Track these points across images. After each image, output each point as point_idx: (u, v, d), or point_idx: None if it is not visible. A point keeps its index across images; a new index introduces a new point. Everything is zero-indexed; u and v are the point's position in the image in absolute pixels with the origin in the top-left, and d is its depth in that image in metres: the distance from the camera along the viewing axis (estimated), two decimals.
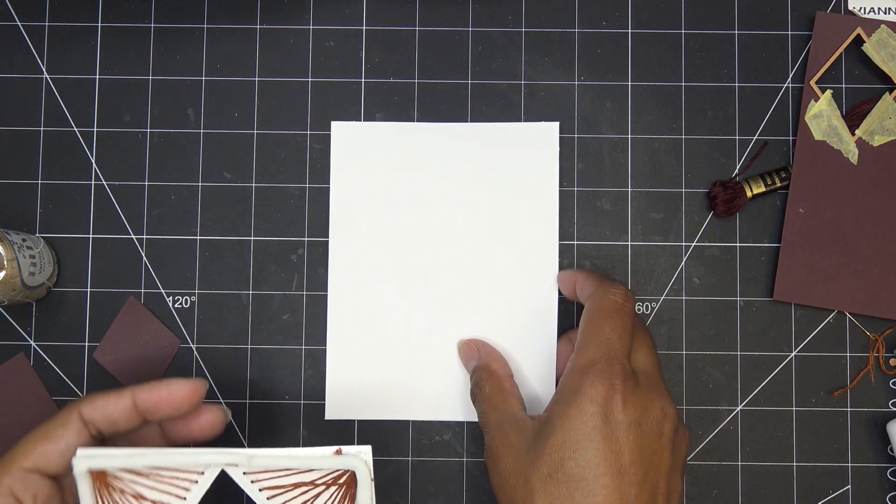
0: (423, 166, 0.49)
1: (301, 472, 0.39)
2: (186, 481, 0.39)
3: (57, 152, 0.50)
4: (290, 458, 0.38)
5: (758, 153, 0.50)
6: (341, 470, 0.39)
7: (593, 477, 0.37)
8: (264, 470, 0.39)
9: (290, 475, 0.39)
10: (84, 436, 0.37)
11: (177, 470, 0.39)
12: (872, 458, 0.48)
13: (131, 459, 0.37)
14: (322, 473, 0.39)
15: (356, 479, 0.38)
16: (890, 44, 0.48)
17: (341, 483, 0.39)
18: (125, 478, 0.38)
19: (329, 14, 0.50)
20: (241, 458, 0.38)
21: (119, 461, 0.37)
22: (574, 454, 0.37)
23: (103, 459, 0.37)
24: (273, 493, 0.39)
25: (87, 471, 0.37)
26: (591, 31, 0.50)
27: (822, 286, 0.48)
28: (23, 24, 0.50)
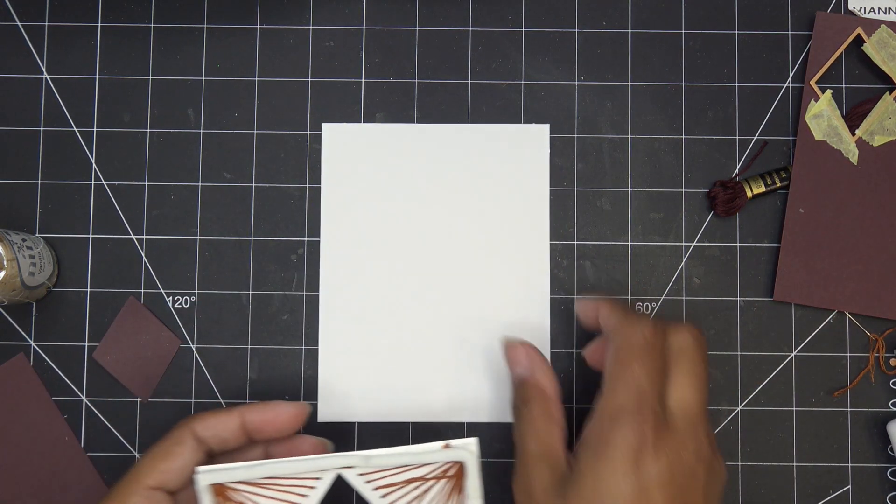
0: (415, 168, 0.49)
1: (413, 469, 0.41)
2: (304, 488, 0.40)
3: (57, 152, 0.50)
4: (404, 456, 0.40)
5: (758, 153, 0.50)
6: (450, 463, 0.41)
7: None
8: (379, 469, 0.40)
9: (403, 472, 0.41)
10: (198, 453, 0.39)
11: (294, 478, 0.40)
12: (872, 458, 0.48)
13: (251, 471, 0.39)
14: (432, 468, 0.41)
15: (465, 470, 0.40)
16: (890, 44, 0.48)
17: (450, 475, 0.41)
18: (244, 490, 0.40)
19: (329, 14, 0.50)
20: (358, 459, 0.40)
21: (239, 474, 0.39)
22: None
23: (224, 473, 0.39)
24: (386, 490, 0.41)
25: (208, 486, 0.39)
26: (591, 31, 0.50)
27: (822, 286, 0.48)
28: (23, 24, 0.50)
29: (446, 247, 0.49)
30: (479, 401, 0.48)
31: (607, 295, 0.49)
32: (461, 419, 0.48)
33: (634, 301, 0.49)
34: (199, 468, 0.39)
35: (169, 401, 0.49)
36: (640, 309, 0.49)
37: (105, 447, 0.48)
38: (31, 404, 0.48)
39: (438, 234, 0.49)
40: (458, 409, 0.48)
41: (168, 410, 0.49)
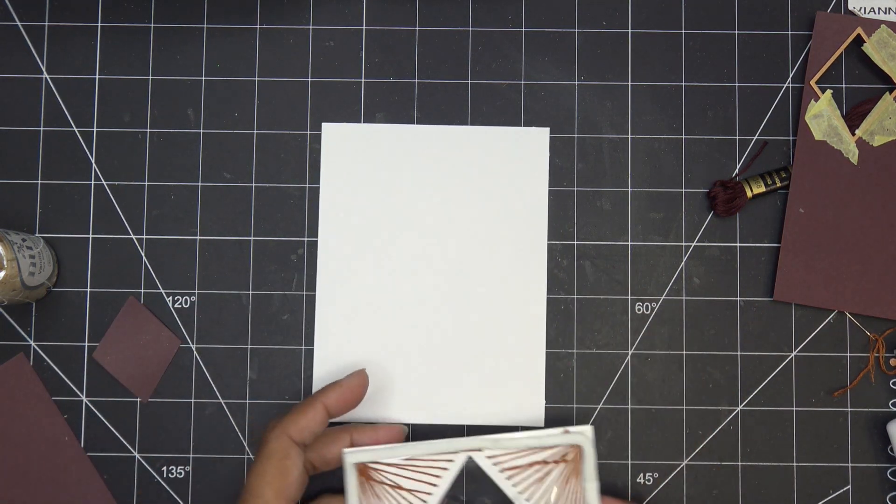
0: (414, 168, 0.49)
1: (535, 452, 0.44)
2: (438, 469, 0.44)
3: (57, 152, 0.50)
4: (529, 439, 0.44)
5: (758, 153, 0.50)
6: (568, 447, 0.44)
7: None
8: (506, 452, 0.44)
9: (527, 455, 0.44)
10: (323, 417, 0.44)
11: (430, 459, 0.44)
12: (872, 458, 0.48)
13: (393, 451, 0.44)
14: (552, 452, 0.44)
15: (582, 454, 0.44)
16: (890, 44, 0.48)
17: (568, 460, 0.44)
18: (384, 469, 0.44)
19: (329, 14, 0.50)
20: (489, 442, 0.44)
21: (383, 454, 0.44)
22: None
23: (369, 454, 0.44)
24: (511, 473, 0.44)
25: (354, 464, 0.44)
26: (591, 31, 0.50)
27: (822, 286, 0.48)
28: (23, 24, 0.50)
29: (445, 247, 0.49)
30: (478, 402, 0.48)
31: (609, 296, 0.49)
32: (461, 421, 0.48)
33: (634, 301, 0.49)
34: (346, 449, 0.44)
35: (169, 401, 0.49)
36: (640, 310, 0.49)
37: (105, 447, 0.48)
38: (31, 404, 0.48)
39: (437, 234, 0.49)
40: (458, 410, 0.48)
41: (168, 410, 0.49)
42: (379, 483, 0.45)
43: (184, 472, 0.48)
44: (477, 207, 0.49)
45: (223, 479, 0.48)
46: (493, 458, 0.44)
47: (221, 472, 0.48)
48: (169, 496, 0.48)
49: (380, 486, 0.45)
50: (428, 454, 0.44)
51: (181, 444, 0.48)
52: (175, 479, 0.48)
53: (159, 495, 0.48)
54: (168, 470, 0.48)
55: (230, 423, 0.49)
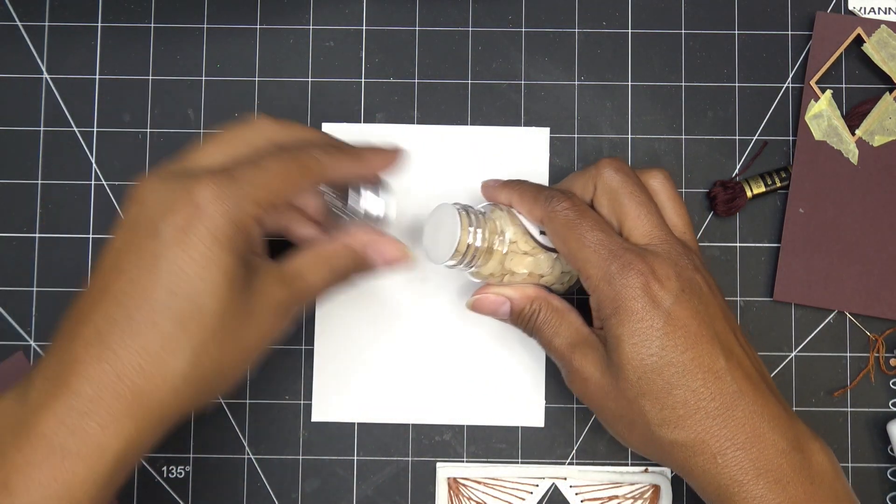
0: (414, 169, 0.49)
1: (616, 487, 0.47)
2: (523, 492, 0.47)
3: (57, 152, 0.50)
4: (613, 473, 0.47)
5: (758, 153, 0.50)
6: (647, 486, 0.47)
7: (680, 359, 0.37)
8: (588, 483, 0.47)
9: (608, 489, 0.47)
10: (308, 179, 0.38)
11: (517, 481, 0.47)
12: (872, 458, 0.48)
13: (483, 470, 0.47)
14: (631, 489, 0.47)
15: (660, 494, 0.47)
16: (890, 44, 0.48)
17: (646, 497, 0.47)
18: (472, 486, 0.47)
19: (329, 14, 0.50)
20: (575, 472, 0.47)
21: (473, 471, 0.47)
22: (649, 351, 0.37)
23: (461, 469, 0.47)
24: (592, 503, 0.47)
25: (445, 478, 0.47)
26: (591, 31, 0.50)
27: (822, 286, 0.48)
28: (23, 24, 0.50)
29: None
30: (479, 402, 0.48)
31: None
32: (461, 421, 0.48)
33: None
34: (439, 463, 0.47)
35: None
36: None
37: None
38: None
39: None
40: (459, 410, 0.48)
41: None
42: (467, 499, 0.47)
43: (184, 472, 0.48)
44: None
45: (223, 479, 0.48)
46: (576, 488, 0.47)
47: (221, 472, 0.48)
48: (169, 496, 0.48)
49: (468, 501, 0.47)
50: (516, 477, 0.47)
51: (181, 444, 0.48)
52: (175, 479, 0.48)
53: (159, 495, 0.48)
54: (168, 470, 0.48)
55: (230, 422, 0.49)
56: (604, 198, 0.41)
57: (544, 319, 0.42)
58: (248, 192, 0.34)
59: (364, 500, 0.48)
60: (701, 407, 0.37)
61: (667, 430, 0.38)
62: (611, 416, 0.40)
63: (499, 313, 0.43)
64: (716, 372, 0.37)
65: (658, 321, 0.37)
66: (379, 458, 0.48)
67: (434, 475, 0.48)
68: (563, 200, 0.40)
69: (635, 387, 0.38)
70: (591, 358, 0.40)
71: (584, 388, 0.40)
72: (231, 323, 0.34)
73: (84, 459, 0.32)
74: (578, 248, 0.39)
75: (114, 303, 0.33)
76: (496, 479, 0.47)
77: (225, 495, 0.48)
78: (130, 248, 0.34)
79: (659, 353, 0.37)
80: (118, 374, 0.32)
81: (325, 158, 0.38)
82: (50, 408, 0.32)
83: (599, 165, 0.41)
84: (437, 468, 0.48)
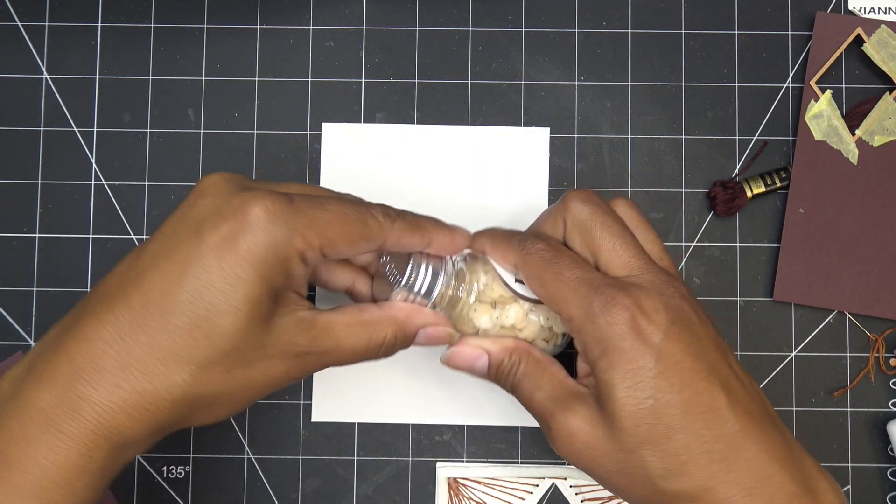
0: (414, 169, 0.49)
1: None
2: (523, 492, 0.47)
3: (57, 152, 0.50)
4: None
5: (758, 153, 0.50)
6: None
7: (677, 400, 0.34)
8: (589, 483, 0.47)
9: None
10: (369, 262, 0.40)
11: (517, 482, 0.47)
12: (872, 458, 0.48)
13: (483, 470, 0.47)
14: None
15: None
16: (890, 44, 0.48)
17: None
18: (472, 486, 0.47)
19: (329, 14, 0.50)
20: (573, 472, 0.47)
21: (473, 471, 0.47)
22: (644, 394, 0.34)
23: (461, 469, 0.47)
24: (593, 503, 0.47)
25: (445, 478, 0.47)
26: (591, 31, 0.50)
27: (822, 286, 0.48)
28: (23, 24, 0.50)
29: None
30: (479, 402, 0.48)
31: None
32: (462, 421, 0.48)
33: None
34: (439, 463, 0.47)
35: None
36: None
37: None
38: None
39: None
40: (459, 410, 0.48)
41: None
42: (467, 499, 0.47)
43: (184, 472, 0.48)
44: (477, 207, 0.49)
45: (223, 479, 0.48)
46: (577, 489, 0.47)
47: (221, 472, 0.48)
48: (169, 496, 0.48)
49: (468, 501, 0.47)
50: (516, 476, 0.47)
51: (181, 444, 0.48)
52: (175, 479, 0.48)
53: (159, 495, 0.48)
54: (168, 470, 0.48)
55: (230, 422, 0.49)
56: (575, 233, 0.38)
57: (524, 372, 0.38)
58: (302, 224, 0.33)
59: (364, 500, 0.48)
60: (705, 450, 0.34)
61: (670, 481, 0.35)
62: (605, 472, 0.36)
63: (476, 368, 0.39)
64: (716, 411, 0.35)
65: (649, 360, 0.34)
66: (379, 458, 0.48)
67: (434, 475, 0.48)
68: (537, 242, 0.38)
69: (633, 436, 0.35)
70: (578, 411, 0.36)
71: (570, 445, 0.36)
72: (240, 351, 0.33)
73: (78, 443, 0.32)
74: (557, 288, 0.36)
75: (138, 292, 0.33)
76: (496, 479, 0.47)
77: (225, 495, 0.48)
78: (172, 241, 0.33)
79: (654, 396, 0.34)
80: (121, 365, 0.32)
81: (387, 223, 0.36)
82: (51, 381, 0.32)
83: (566, 200, 0.39)
84: (437, 468, 0.48)
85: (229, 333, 0.33)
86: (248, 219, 0.33)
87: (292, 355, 0.35)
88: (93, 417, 0.32)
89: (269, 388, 0.35)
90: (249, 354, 0.33)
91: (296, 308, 0.35)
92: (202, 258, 0.32)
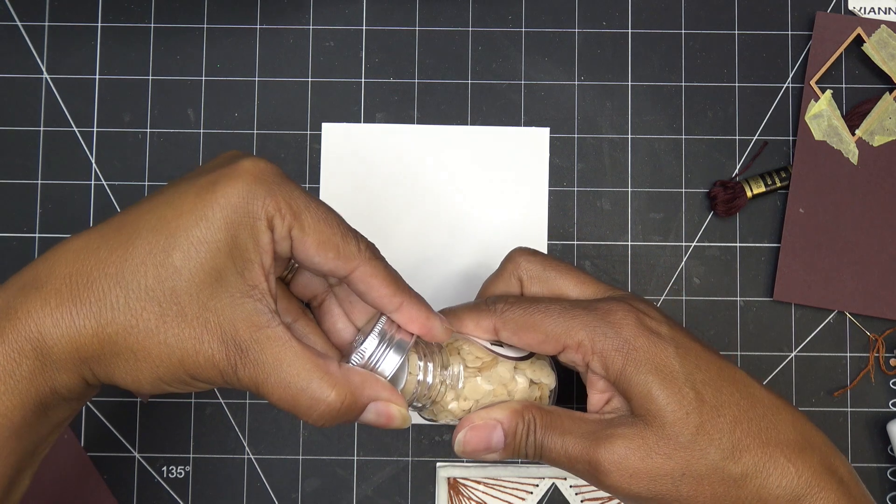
0: (414, 169, 0.49)
1: None
2: (523, 492, 0.47)
3: (57, 152, 0.50)
4: None
5: (758, 153, 0.50)
6: None
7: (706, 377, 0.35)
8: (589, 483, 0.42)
9: None
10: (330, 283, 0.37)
11: (517, 482, 0.47)
12: (872, 458, 0.48)
13: (483, 470, 0.47)
14: None
15: None
16: (890, 44, 0.48)
17: None
18: (472, 486, 0.47)
19: (329, 14, 0.50)
20: None
21: (473, 472, 0.47)
22: (679, 379, 0.35)
23: (461, 469, 0.47)
24: (593, 503, 0.47)
25: (445, 478, 0.47)
26: (591, 31, 0.50)
27: (822, 286, 0.48)
28: (23, 24, 0.50)
29: (445, 247, 0.49)
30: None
31: None
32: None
33: None
34: (439, 463, 0.47)
35: (169, 401, 0.49)
36: None
37: (105, 447, 0.48)
38: None
39: (437, 234, 0.49)
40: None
41: (168, 410, 0.49)
42: (467, 499, 0.47)
43: (184, 472, 0.48)
44: (477, 207, 0.49)
45: (223, 479, 0.48)
46: (576, 488, 0.47)
47: (221, 472, 0.48)
48: (169, 496, 0.48)
49: (468, 501, 0.47)
50: (516, 476, 0.47)
51: (181, 444, 0.48)
52: (175, 479, 0.48)
53: (159, 495, 0.48)
54: (168, 470, 0.48)
55: (230, 422, 0.49)
56: (534, 286, 0.39)
57: (545, 426, 0.36)
58: (282, 194, 0.33)
59: (364, 500, 0.48)
60: (751, 419, 0.35)
61: (735, 460, 0.34)
62: (672, 483, 0.35)
63: (493, 444, 0.37)
64: (741, 380, 0.36)
65: (670, 349, 0.35)
66: (379, 458, 0.48)
67: (434, 475, 0.48)
68: (507, 298, 0.38)
69: (686, 426, 0.34)
70: (620, 435, 0.35)
71: (626, 471, 0.35)
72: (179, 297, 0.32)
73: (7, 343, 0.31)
74: (553, 326, 0.36)
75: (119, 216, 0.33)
76: (496, 479, 0.47)
77: (225, 495, 0.48)
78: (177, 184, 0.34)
79: (689, 379, 0.35)
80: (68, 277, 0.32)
81: (367, 254, 0.35)
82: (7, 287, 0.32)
83: (514, 259, 0.39)
84: (437, 468, 0.48)
85: (177, 270, 0.32)
86: (236, 170, 0.33)
87: (228, 341, 0.32)
88: (24, 320, 0.31)
89: (188, 369, 0.32)
90: (187, 310, 0.32)
91: (259, 297, 0.33)
92: (185, 196, 0.32)
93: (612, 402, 0.37)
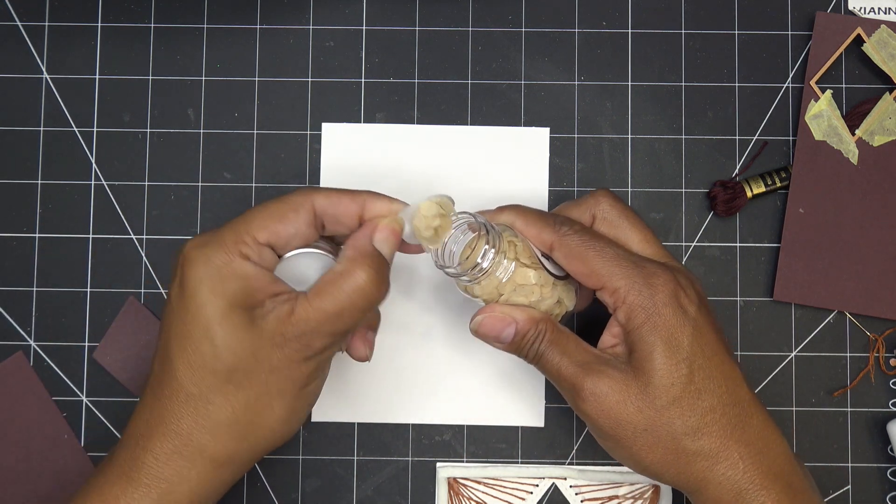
0: (414, 169, 0.49)
1: (616, 487, 0.47)
2: (523, 492, 0.47)
3: (57, 152, 0.50)
4: (613, 473, 0.47)
5: (758, 153, 0.50)
6: (646, 486, 0.47)
7: (707, 365, 0.39)
8: (588, 483, 0.47)
9: (608, 489, 0.47)
10: (310, 227, 0.40)
11: (517, 482, 0.47)
12: (872, 458, 0.48)
13: (483, 470, 0.47)
14: (631, 489, 0.47)
15: (660, 493, 0.47)
16: (890, 44, 0.48)
17: (646, 497, 0.47)
18: (472, 486, 0.47)
19: (329, 14, 0.50)
20: (575, 472, 0.47)
21: (473, 472, 0.47)
22: (681, 355, 0.39)
23: (461, 469, 0.47)
24: (592, 503, 0.47)
25: (445, 478, 0.47)
26: (591, 31, 0.50)
27: (822, 286, 0.48)
28: (23, 24, 0.50)
29: None
30: (479, 402, 0.48)
31: None
32: (462, 421, 0.48)
33: None
34: (439, 463, 0.48)
35: None
36: None
37: (105, 447, 0.48)
38: (30, 403, 0.48)
39: None
40: (459, 410, 0.48)
41: None
42: (467, 499, 0.47)
43: None
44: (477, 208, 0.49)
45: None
46: (576, 489, 0.47)
47: None
48: None
49: (467, 501, 0.47)
50: (516, 476, 0.47)
51: None
52: None
53: None
54: None
55: None
56: (604, 226, 0.42)
57: (550, 341, 0.40)
58: (228, 235, 0.38)
59: (364, 500, 0.48)
60: (725, 413, 0.39)
61: (693, 439, 0.38)
62: (632, 431, 0.39)
63: (502, 336, 0.41)
64: (734, 379, 0.40)
65: (688, 328, 0.39)
66: (379, 458, 0.48)
67: (434, 475, 0.48)
68: (574, 223, 0.41)
69: (666, 394, 0.38)
70: (609, 374, 0.39)
71: (600, 404, 0.39)
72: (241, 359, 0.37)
73: None
74: (601, 264, 0.40)
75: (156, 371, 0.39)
76: (496, 479, 0.47)
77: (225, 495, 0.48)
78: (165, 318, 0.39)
79: (689, 359, 0.39)
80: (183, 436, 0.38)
81: (309, 191, 0.40)
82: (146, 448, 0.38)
83: (597, 196, 0.42)
84: (437, 468, 0.48)
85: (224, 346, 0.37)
86: (183, 259, 0.38)
87: (290, 339, 0.37)
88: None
89: (303, 381, 0.38)
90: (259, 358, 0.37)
91: (273, 306, 0.37)
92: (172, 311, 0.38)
93: (617, 348, 0.40)
